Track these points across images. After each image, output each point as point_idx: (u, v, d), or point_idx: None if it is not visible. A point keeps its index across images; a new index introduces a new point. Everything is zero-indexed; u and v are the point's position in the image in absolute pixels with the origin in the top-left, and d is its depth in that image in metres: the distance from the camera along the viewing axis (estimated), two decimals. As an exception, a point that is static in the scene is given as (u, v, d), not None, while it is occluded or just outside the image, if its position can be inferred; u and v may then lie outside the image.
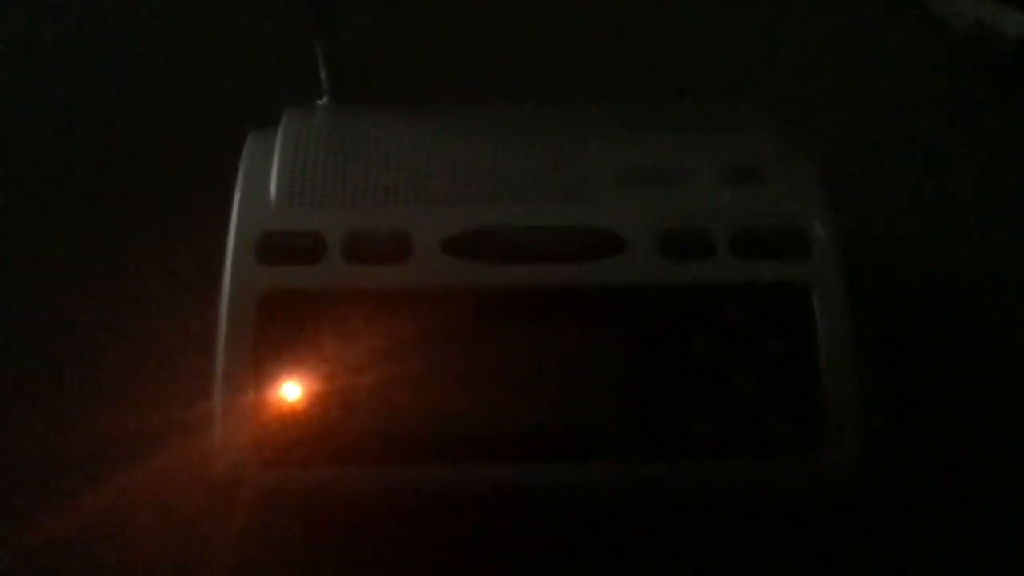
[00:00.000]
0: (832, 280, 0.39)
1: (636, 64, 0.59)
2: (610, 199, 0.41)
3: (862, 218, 0.49)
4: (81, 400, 0.45)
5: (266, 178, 0.41)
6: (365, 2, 0.51)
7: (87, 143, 0.56)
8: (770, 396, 0.38)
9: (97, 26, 0.62)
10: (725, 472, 0.38)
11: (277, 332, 0.38)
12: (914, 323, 0.49)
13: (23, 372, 0.46)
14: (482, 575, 0.40)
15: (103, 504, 0.41)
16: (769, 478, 0.38)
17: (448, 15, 0.62)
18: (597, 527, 0.42)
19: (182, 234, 0.50)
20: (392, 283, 0.39)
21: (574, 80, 0.58)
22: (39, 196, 0.53)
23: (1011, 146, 0.57)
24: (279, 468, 0.38)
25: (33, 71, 0.60)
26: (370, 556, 0.41)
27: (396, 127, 0.43)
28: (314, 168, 0.42)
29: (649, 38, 0.61)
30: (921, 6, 0.64)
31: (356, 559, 0.40)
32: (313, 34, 0.45)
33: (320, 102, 0.47)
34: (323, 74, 0.47)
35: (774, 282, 0.39)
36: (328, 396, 0.38)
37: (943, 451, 0.44)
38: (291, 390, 0.38)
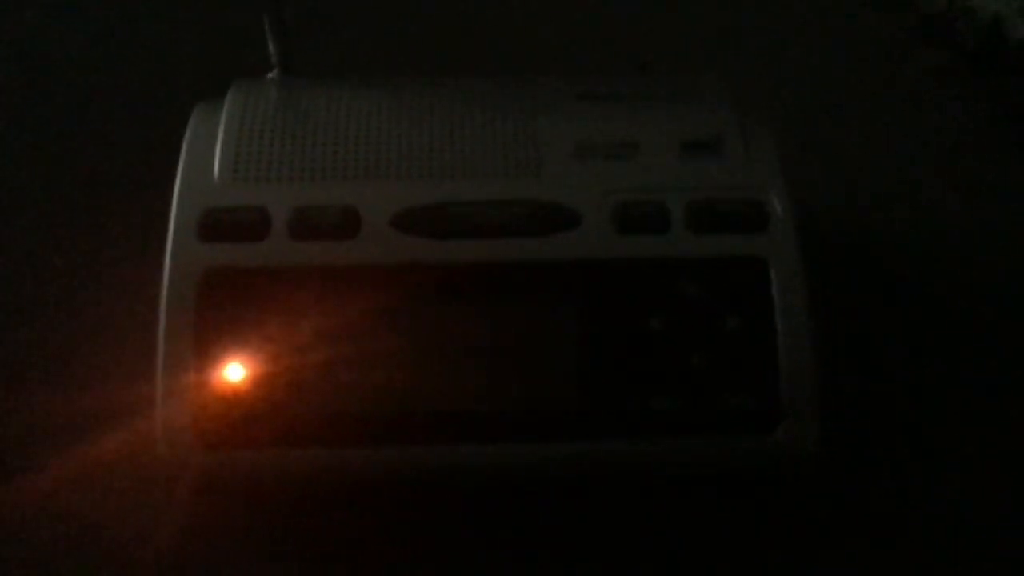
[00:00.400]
0: (789, 254, 0.38)
1: (594, 39, 0.58)
2: (564, 172, 0.40)
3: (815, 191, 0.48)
4: (20, 380, 0.43)
5: (210, 153, 0.40)
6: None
7: (28, 118, 0.54)
8: (727, 372, 0.38)
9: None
10: (683, 449, 0.38)
11: (220, 311, 0.37)
12: (868, 297, 0.48)
13: None
14: (431, 559, 0.39)
15: (43, 485, 0.40)
16: (727, 455, 0.38)
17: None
18: (551, 507, 0.41)
19: (125, 209, 0.48)
20: (340, 260, 0.38)
21: (531, 55, 0.57)
22: None
23: (977, 123, 0.56)
24: (221, 450, 0.36)
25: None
26: (315, 539, 0.40)
27: (345, 101, 0.42)
28: (260, 143, 0.40)
29: (608, 12, 0.60)
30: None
31: (300, 542, 0.39)
32: (262, 6, 0.44)
33: (269, 75, 0.46)
34: (272, 47, 0.45)
35: (731, 256, 0.38)
36: (273, 376, 0.37)
37: (897, 426, 0.44)
38: (234, 370, 0.37)
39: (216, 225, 0.38)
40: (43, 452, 0.41)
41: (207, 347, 0.37)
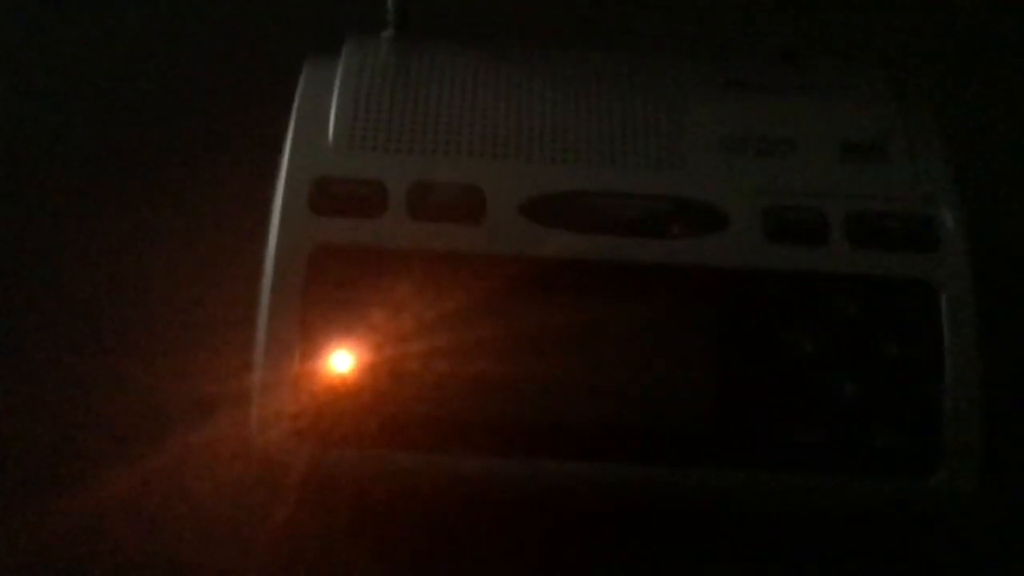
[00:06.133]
0: (962, 279, 0.34)
1: (736, 19, 0.54)
2: (711, 168, 0.36)
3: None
4: (139, 362, 0.41)
5: (324, 115, 0.37)
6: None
7: (117, 81, 0.51)
8: (883, 406, 0.34)
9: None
10: (826, 488, 0.34)
11: (328, 292, 0.34)
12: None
13: (61, 342, 0.42)
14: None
15: (156, 467, 0.38)
16: (876, 498, 0.34)
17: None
18: (665, 531, 0.37)
19: (228, 178, 0.45)
20: (462, 246, 0.34)
21: (668, 32, 0.53)
22: (74, 157, 0.48)
23: None
24: (323, 446, 0.33)
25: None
26: (417, 541, 0.37)
27: (470, 69, 0.38)
28: (378, 108, 0.37)
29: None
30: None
31: (403, 544, 0.36)
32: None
33: (384, 34, 0.42)
34: (389, 2, 0.42)
35: (896, 277, 0.34)
36: (382, 369, 0.34)
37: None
38: (341, 360, 0.34)
39: (330, 196, 0.35)
40: (154, 435, 0.39)
41: (312, 332, 0.34)
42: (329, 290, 0.34)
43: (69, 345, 0.42)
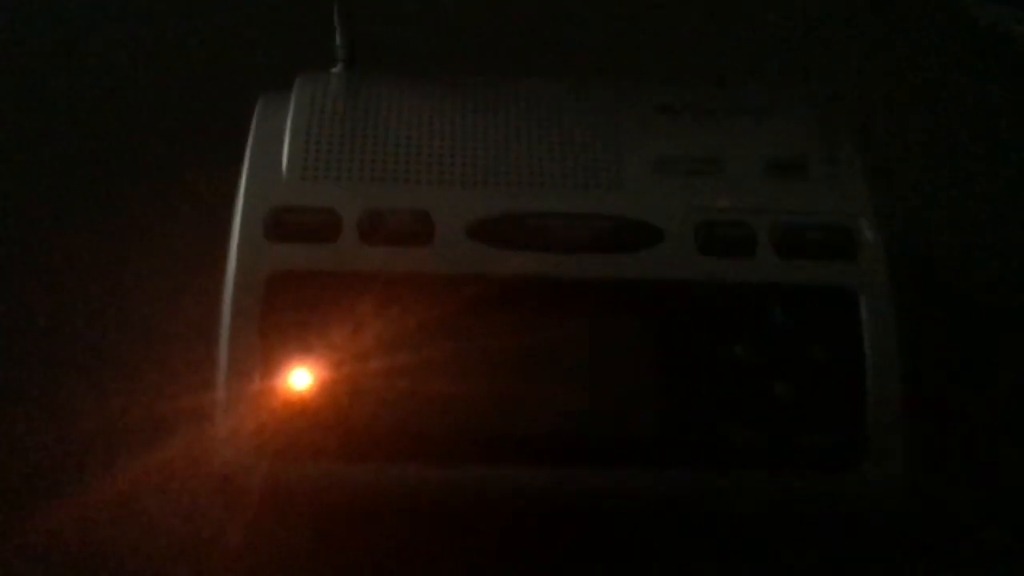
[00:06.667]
0: (881, 284, 0.37)
1: (669, 48, 0.57)
2: (647, 187, 0.38)
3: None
4: (86, 387, 0.42)
5: (278, 148, 0.38)
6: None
7: (80, 114, 0.53)
8: (811, 405, 0.36)
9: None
10: (762, 483, 0.36)
11: (286, 315, 0.36)
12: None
13: (24, 361, 0.43)
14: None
15: (110, 491, 0.39)
16: (808, 491, 0.36)
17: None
18: (613, 531, 0.39)
19: (184, 208, 0.47)
20: (412, 267, 0.36)
21: (604, 62, 0.55)
22: (37, 179, 0.50)
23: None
24: (284, 461, 0.35)
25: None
26: (378, 555, 0.38)
27: (417, 100, 0.40)
28: (329, 140, 0.39)
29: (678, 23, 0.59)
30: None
31: (363, 558, 0.38)
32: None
33: (333, 70, 0.44)
34: (338, 40, 0.44)
35: (819, 284, 0.37)
36: (340, 386, 0.35)
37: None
38: (300, 378, 0.35)
39: (285, 224, 0.37)
40: (111, 457, 0.40)
41: (272, 352, 0.35)
42: (287, 313, 0.36)
43: (23, 364, 0.43)
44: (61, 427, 0.41)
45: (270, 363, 0.35)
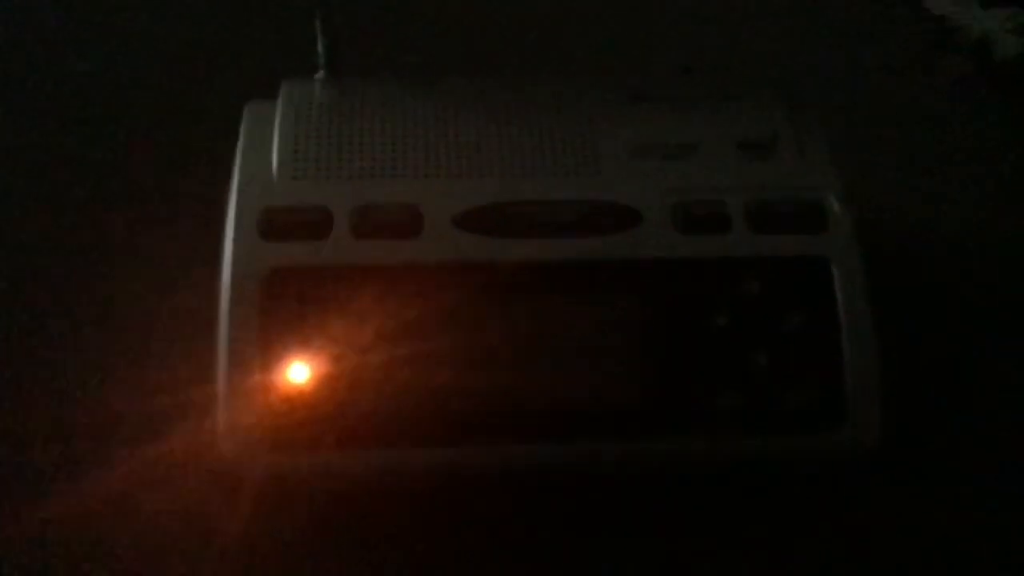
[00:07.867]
0: (850, 253, 0.39)
1: (636, 41, 0.58)
2: (624, 172, 0.40)
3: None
4: (85, 381, 0.43)
5: (267, 152, 0.40)
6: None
7: (74, 119, 0.54)
8: (790, 371, 0.38)
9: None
10: (746, 447, 0.38)
11: (283, 311, 0.37)
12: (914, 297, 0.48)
13: (27, 354, 0.44)
14: (496, 558, 0.39)
15: (111, 485, 0.40)
16: (789, 454, 0.38)
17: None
18: (611, 502, 0.40)
19: (179, 210, 0.48)
20: (404, 259, 0.38)
21: (574, 57, 0.57)
22: (33, 173, 0.52)
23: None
24: (285, 452, 0.36)
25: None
26: (380, 539, 0.39)
27: (399, 101, 0.42)
28: (317, 141, 0.40)
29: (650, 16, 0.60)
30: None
31: (366, 542, 0.39)
32: (316, 6, 0.44)
33: (317, 76, 0.45)
34: (320, 47, 0.45)
35: (792, 256, 0.39)
36: (337, 377, 0.37)
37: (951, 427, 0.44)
38: (298, 371, 0.37)
39: (278, 224, 0.38)
40: (112, 451, 0.40)
41: (270, 347, 0.36)
42: (283, 309, 0.37)
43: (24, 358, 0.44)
44: (59, 421, 0.42)
45: (268, 358, 0.36)
